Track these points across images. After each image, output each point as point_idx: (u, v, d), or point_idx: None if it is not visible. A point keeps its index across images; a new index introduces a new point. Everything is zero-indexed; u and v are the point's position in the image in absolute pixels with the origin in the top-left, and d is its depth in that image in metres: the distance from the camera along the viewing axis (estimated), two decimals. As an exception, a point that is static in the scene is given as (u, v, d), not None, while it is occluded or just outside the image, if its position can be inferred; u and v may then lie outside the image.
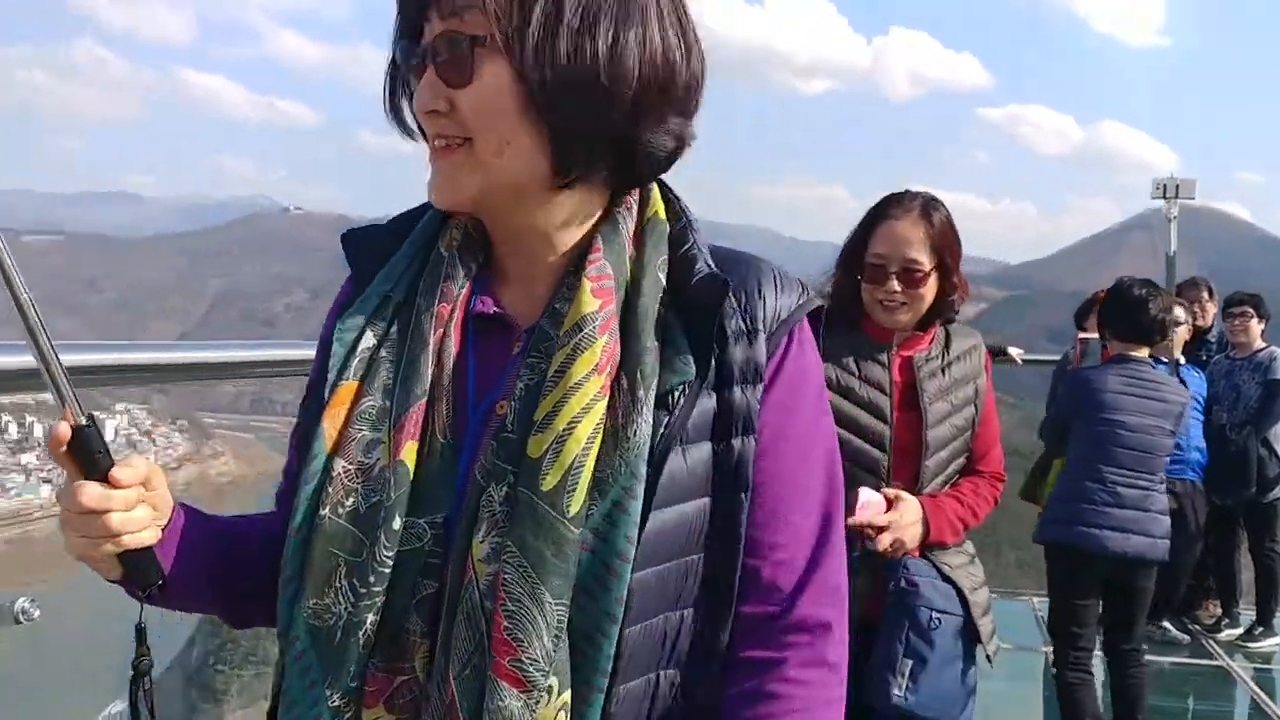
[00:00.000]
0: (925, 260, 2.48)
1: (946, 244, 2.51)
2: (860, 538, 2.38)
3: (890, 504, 2.44)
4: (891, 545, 2.42)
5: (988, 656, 2.56)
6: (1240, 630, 6.39)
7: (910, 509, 2.44)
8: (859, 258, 2.55)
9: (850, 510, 2.34)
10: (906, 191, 2.57)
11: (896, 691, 2.40)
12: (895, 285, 2.48)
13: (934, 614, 2.42)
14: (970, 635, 2.50)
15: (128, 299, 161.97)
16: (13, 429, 77.09)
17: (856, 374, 2.51)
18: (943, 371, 2.56)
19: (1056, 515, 4.15)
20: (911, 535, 2.44)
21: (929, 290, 2.50)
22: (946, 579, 2.49)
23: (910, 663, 2.42)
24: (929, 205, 2.53)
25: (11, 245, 0.90)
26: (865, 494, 2.41)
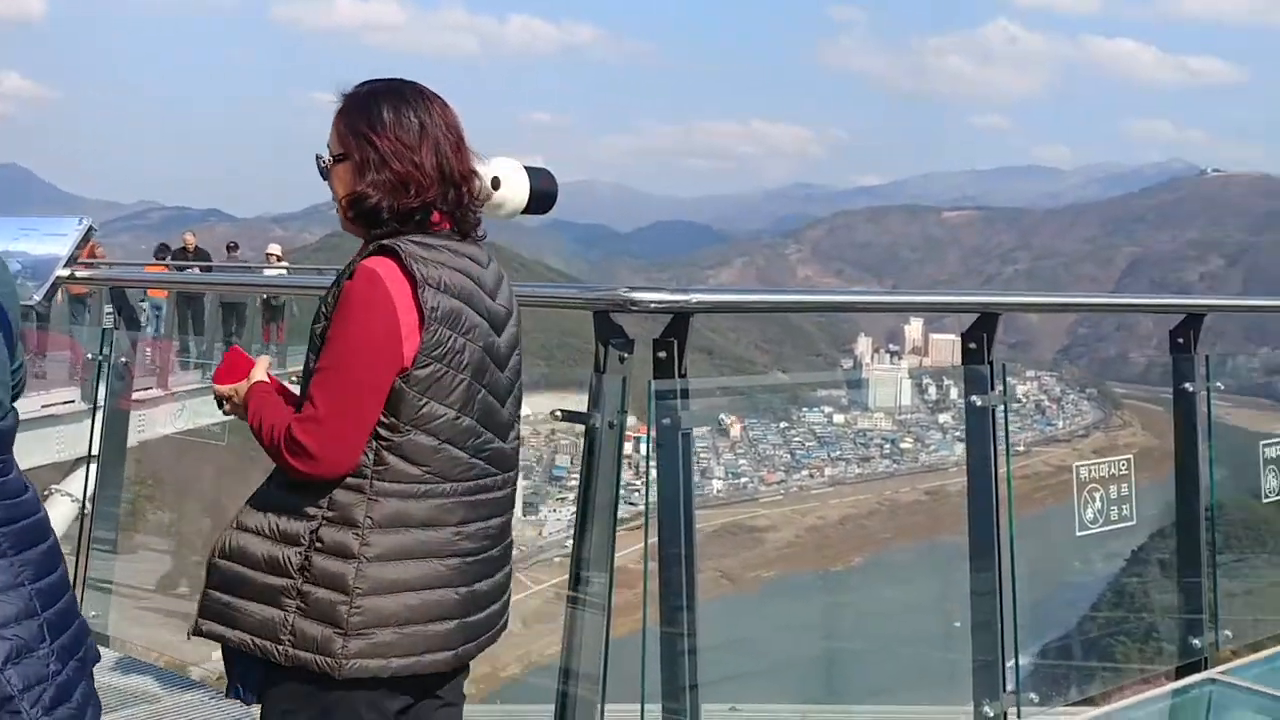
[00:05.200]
0: (328, 153, 2.11)
1: (354, 129, 2.07)
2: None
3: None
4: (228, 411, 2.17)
5: None
6: None
7: (249, 388, 2.12)
8: None
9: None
10: None
11: None
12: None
13: None
14: None
15: (1038, 269, 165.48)
16: (932, 390, 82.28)
17: None
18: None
19: None
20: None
21: (341, 190, 2.11)
22: None
23: None
24: (357, 87, 2.12)
25: (934, 220, 1.10)
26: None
